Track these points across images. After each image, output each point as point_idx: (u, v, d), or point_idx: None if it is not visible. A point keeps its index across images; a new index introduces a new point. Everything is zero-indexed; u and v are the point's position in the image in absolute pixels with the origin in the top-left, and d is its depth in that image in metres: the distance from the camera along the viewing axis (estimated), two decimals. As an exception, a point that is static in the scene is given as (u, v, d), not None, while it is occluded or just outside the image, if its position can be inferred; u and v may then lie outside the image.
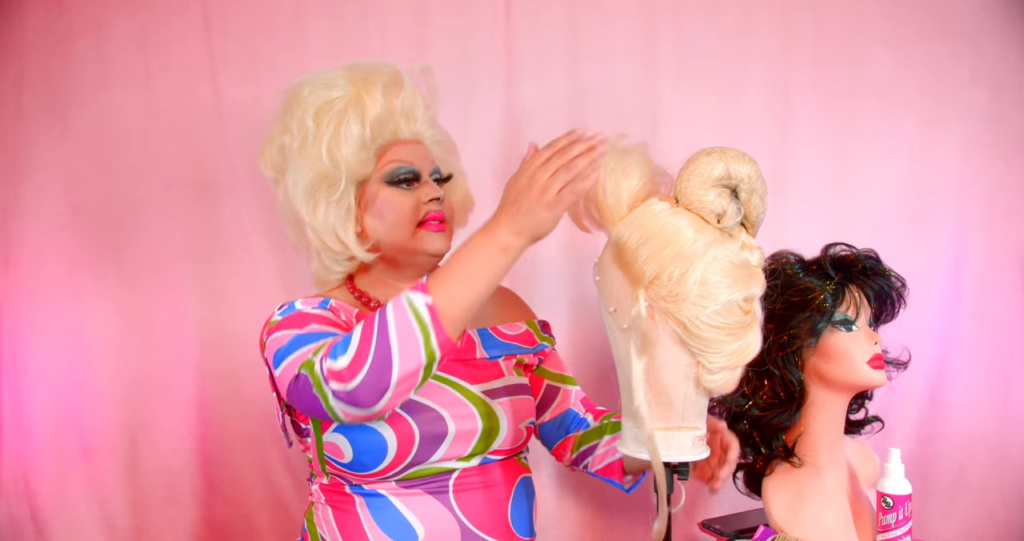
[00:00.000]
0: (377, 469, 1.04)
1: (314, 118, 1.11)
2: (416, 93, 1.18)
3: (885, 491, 1.18)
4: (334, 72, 1.14)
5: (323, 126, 1.10)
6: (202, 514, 1.53)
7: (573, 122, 1.58)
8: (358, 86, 1.12)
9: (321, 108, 1.11)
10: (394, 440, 1.03)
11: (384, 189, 1.12)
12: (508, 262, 0.96)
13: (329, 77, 1.13)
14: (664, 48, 1.61)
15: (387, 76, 1.15)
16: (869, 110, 1.64)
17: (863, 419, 1.35)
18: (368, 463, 1.04)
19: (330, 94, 1.11)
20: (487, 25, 1.57)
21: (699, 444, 1.08)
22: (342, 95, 1.12)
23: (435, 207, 1.13)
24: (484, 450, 1.10)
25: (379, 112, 1.12)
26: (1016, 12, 1.64)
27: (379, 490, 1.06)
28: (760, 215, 1.08)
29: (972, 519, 1.63)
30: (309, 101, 1.11)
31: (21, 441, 1.45)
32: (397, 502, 1.06)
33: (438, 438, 1.06)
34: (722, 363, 1.03)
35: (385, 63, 1.17)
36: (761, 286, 1.05)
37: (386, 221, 1.12)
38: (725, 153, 1.04)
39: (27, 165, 1.45)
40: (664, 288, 1.01)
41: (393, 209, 1.12)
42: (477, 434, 1.09)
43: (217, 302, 1.50)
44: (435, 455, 1.06)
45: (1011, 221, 1.65)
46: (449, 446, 1.06)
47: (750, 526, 1.37)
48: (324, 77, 1.14)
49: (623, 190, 1.07)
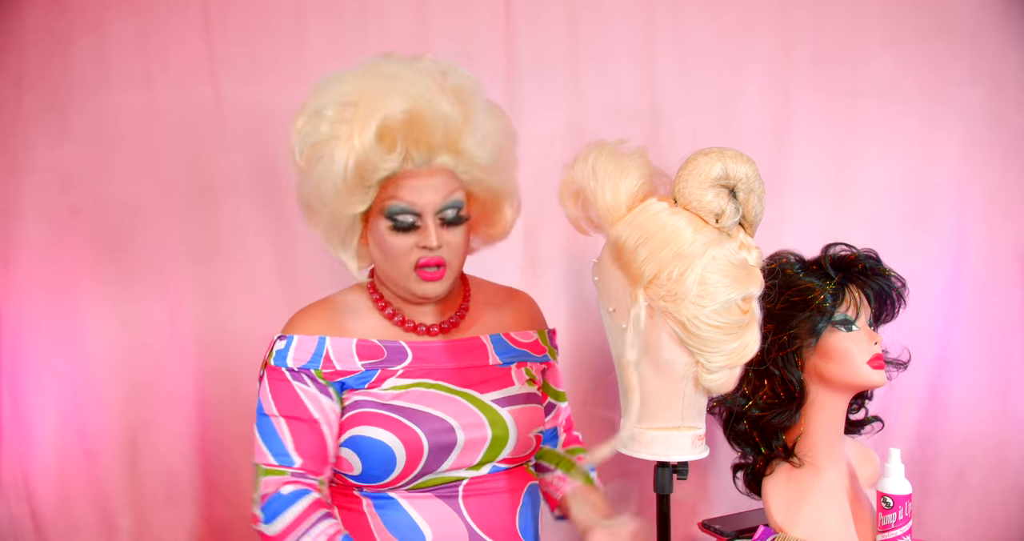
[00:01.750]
0: (387, 480, 1.05)
1: (302, 152, 1.04)
2: (443, 117, 1.02)
3: (885, 491, 1.18)
4: (340, 89, 1.02)
5: (313, 163, 1.03)
6: (202, 514, 1.53)
7: (573, 121, 1.58)
8: (355, 122, 0.99)
9: (309, 145, 1.03)
10: (403, 451, 1.03)
11: (383, 222, 1.05)
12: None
13: (329, 99, 1.02)
14: (664, 48, 1.61)
15: (404, 107, 1.00)
16: (869, 109, 1.64)
17: (863, 419, 1.35)
18: (378, 475, 1.05)
19: (319, 131, 1.01)
20: (487, 25, 1.57)
21: (699, 443, 1.09)
22: (330, 135, 1.00)
23: (427, 255, 1.05)
24: (493, 458, 1.10)
25: (368, 153, 0.99)
26: (1016, 11, 1.64)
27: (388, 493, 1.07)
28: (758, 215, 1.08)
29: (972, 519, 1.64)
30: (305, 127, 1.03)
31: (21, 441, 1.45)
32: (406, 504, 1.07)
33: (447, 448, 1.06)
34: (721, 362, 1.03)
35: (414, 78, 1.03)
36: (759, 286, 1.06)
37: (383, 255, 1.08)
38: (723, 153, 1.04)
39: (27, 165, 1.45)
40: (663, 288, 1.01)
41: (387, 247, 1.06)
42: (486, 443, 1.08)
43: (216, 302, 1.50)
44: (444, 465, 1.06)
45: (1011, 220, 1.65)
46: (458, 456, 1.07)
47: (750, 526, 1.37)
48: (326, 95, 1.02)
49: (621, 191, 1.07)
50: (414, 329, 1.13)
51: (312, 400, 1.06)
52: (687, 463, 1.10)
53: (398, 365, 1.10)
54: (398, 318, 1.13)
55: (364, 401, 1.07)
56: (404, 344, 1.12)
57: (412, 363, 1.10)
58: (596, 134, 1.19)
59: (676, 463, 1.11)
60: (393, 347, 1.11)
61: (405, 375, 1.09)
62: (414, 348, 1.12)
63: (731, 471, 1.36)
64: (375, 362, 1.09)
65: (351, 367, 1.08)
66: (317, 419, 1.06)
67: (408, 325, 1.13)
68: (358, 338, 1.10)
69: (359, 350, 1.09)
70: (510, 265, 1.56)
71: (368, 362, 1.09)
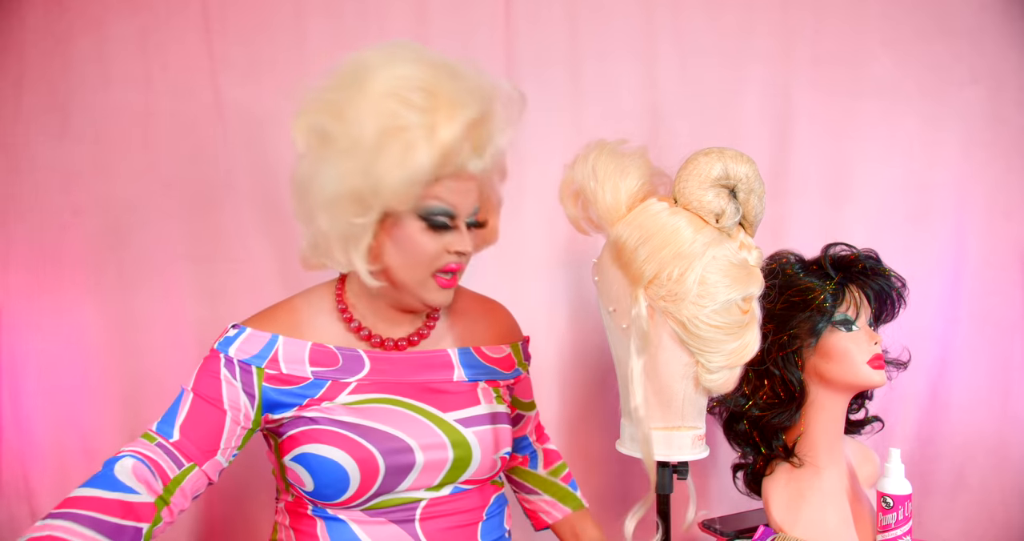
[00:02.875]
0: (340, 500, 1.00)
1: (377, 134, 0.91)
2: (502, 126, 0.99)
3: (885, 491, 1.18)
4: (416, 74, 0.94)
5: (385, 149, 0.91)
6: (202, 514, 1.53)
7: (573, 121, 1.58)
8: (440, 113, 0.92)
9: (388, 129, 0.91)
10: (356, 472, 0.98)
11: (414, 223, 0.97)
12: None
13: (409, 82, 0.92)
14: (664, 48, 1.61)
15: (478, 106, 0.95)
16: (869, 110, 1.64)
17: (863, 419, 1.35)
18: (330, 494, 0.99)
19: (405, 116, 0.91)
20: (487, 25, 1.57)
21: (699, 443, 1.09)
22: (419, 123, 0.91)
23: (456, 260, 1.01)
24: (455, 480, 1.05)
25: (451, 149, 0.93)
26: (1016, 11, 1.64)
27: (340, 516, 1.02)
28: (758, 215, 1.08)
29: (972, 519, 1.64)
30: (379, 107, 0.91)
31: (21, 441, 1.45)
32: (357, 529, 1.01)
33: (404, 469, 1.00)
34: (721, 362, 1.03)
35: (483, 83, 0.99)
36: (759, 286, 1.06)
37: (405, 257, 0.99)
38: (723, 153, 1.04)
39: (27, 165, 1.45)
40: (663, 288, 1.01)
41: (416, 249, 0.98)
42: (447, 465, 1.03)
43: (217, 302, 1.50)
44: (402, 485, 1.01)
45: (1011, 220, 1.65)
46: (417, 477, 1.02)
47: (750, 526, 1.37)
48: (404, 77, 0.93)
49: (621, 191, 1.07)
50: (381, 344, 1.07)
51: (231, 393, 1.00)
52: (687, 463, 1.10)
53: (352, 377, 1.03)
54: (364, 332, 1.07)
55: (316, 417, 1.01)
56: (362, 353, 1.05)
57: (369, 374, 1.04)
58: (596, 134, 1.18)
59: (676, 463, 1.11)
60: (350, 355, 1.05)
61: (359, 389, 1.03)
62: (373, 359, 1.06)
63: (731, 471, 1.36)
64: (327, 371, 1.03)
65: (299, 373, 1.02)
66: (226, 410, 0.99)
67: (375, 340, 1.07)
68: (313, 342, 1.04)
69: (312, 356, 1.03)
70: (510, 265, 1.56)
71: (319, 370, 1.03)
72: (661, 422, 1.07)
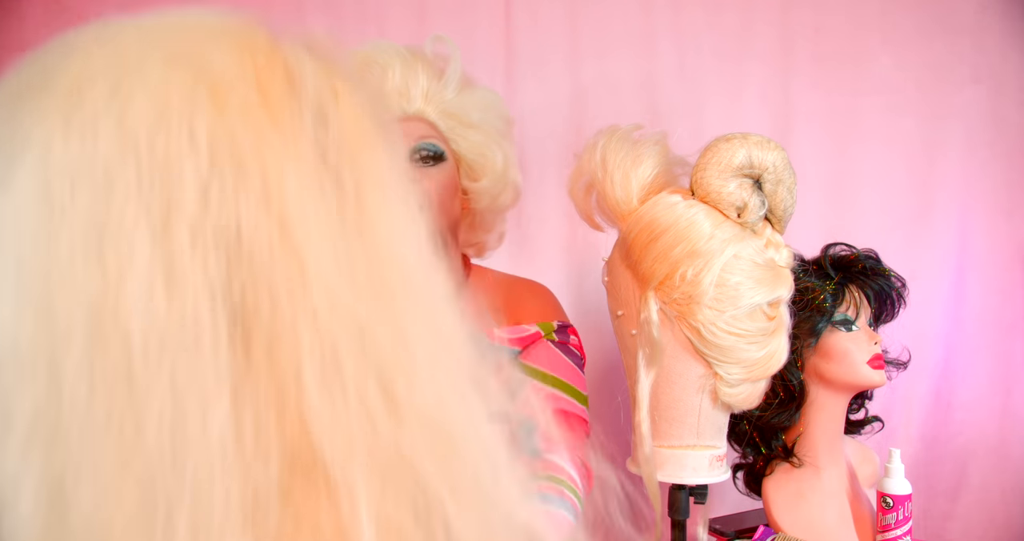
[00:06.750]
0: None
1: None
2: (415, 70, 1.04)
3: (885, 491, 1.17)
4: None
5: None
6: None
7: (573, 120, 1.58)
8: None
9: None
10: None
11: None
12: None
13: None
14: (664, 47, 1.60)
15: (382, 60, 1.03)
16: (870, 109, 1.63)
17: (863, 419, 1.35)
18: None
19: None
20: (487, 24, 1.56)
21: (716, 465, 0.99)
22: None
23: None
24: None
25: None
26: (1017, 11, 1.64)
27: None
28: (788, 209, 0.98)
29: (972, 519, 1.63)
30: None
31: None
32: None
33: None
34: (741, 375, 0.93)
35: (384, 47, 1.06)
36: (789, 288, 0.96)
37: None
38: (747, 139, 0.93)
39: (27, 165, 1.45)
40: (676, 290, 0.92)
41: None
42: None
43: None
44: None
45: (1013, 220, 1.65)
46: None
47: (750, 526, 1.36)
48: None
49: (632, 181, 0.96)
50: None
51: None
52: (706, 486, 0.99)
53: None
54: None
55: None
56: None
57: None
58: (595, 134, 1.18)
59: (693, 486, 1.00)
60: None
61: None
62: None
63: (731, 471, 1.35)
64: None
65: None
66: None
67: None
68: None
69: None
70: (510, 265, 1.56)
71: None
72: (674, 440, 0.97)
